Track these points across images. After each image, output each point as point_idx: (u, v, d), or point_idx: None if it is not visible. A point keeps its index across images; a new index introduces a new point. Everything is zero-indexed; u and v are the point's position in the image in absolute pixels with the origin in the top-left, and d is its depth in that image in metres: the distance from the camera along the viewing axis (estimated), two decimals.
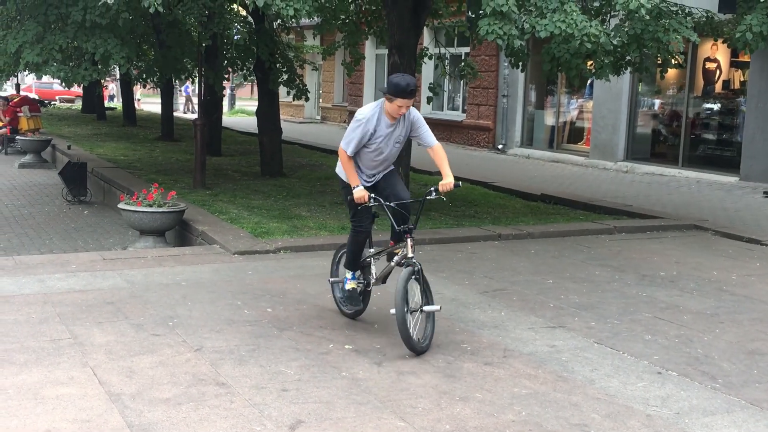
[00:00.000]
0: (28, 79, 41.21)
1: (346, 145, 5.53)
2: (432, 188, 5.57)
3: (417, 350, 5.19)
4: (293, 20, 8.69)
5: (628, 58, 9.68)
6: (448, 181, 5.48)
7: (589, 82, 17.10)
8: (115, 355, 5.00)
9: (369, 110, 5.55)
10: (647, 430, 4.21)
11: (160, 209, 8.80)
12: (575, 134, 19.14)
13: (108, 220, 11.54)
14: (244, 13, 15.57)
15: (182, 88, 37.04)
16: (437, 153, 5.63)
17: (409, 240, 5.41)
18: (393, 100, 5.40)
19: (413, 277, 5.28)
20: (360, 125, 5.49)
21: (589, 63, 9.56)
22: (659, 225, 10.29)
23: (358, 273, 5.86)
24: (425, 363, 5.07)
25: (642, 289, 7.16)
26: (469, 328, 5.84)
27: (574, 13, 8.20)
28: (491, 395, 4.60)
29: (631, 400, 4.61)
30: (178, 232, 9.48)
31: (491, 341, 5.57)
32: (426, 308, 5.33)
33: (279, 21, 14.29)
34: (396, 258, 5.56)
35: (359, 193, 5.43)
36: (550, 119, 19.59)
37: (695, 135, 16.45)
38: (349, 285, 5.82)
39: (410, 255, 5.35)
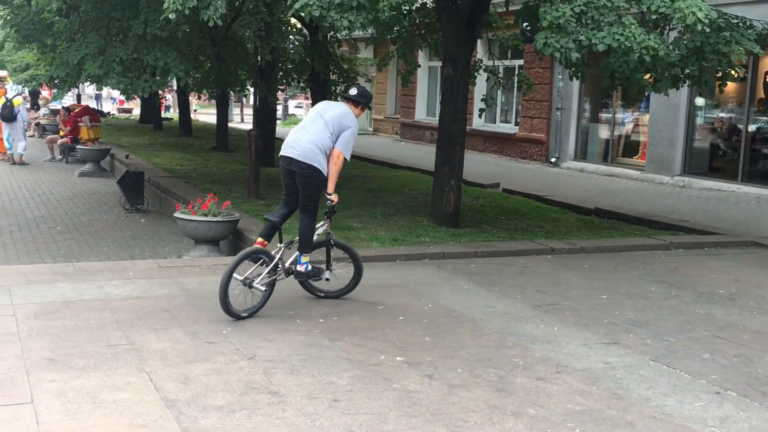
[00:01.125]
0: None
1: (349, 151, 6.35)
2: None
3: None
4: (347, 32, 8.77)
5: (687, 71, 9.52)
6: None
7: (646, 95, 16.84)
8: (170, 362, 5.08)
9: (355, 117, 6.39)
10: None
11: (215, 218, 8.93)
12: (630, 148, 18.86)
13: (164, 228, 11.75)
14: (299, 25, 15.76)
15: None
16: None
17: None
18: (365, 110, 6.51)
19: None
20: (356, 132, 6.38)
21: (648, 76, 9.43)
22: (718, 241, 10.07)
23: None
24: (477, 377, 5.04)
25: (699, 306, 7.01)
26: (522, 343, 5.78)
27: (632, 26, 8.10)
28: (544, 411, 4.55)
29: (689, 419, 4.51)
30: (232, 241, 9.60)
31: (544, 356, 5.51)
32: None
33: (332, 32, 14.42)
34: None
35: (337, 197, 6.53)
36: (604, 132, 19.35)
37: (755, 149, 16.04)
38: (311, 265, 6.50)
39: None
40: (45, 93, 34.21)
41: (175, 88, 29.21)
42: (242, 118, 39.25)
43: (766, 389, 5.02)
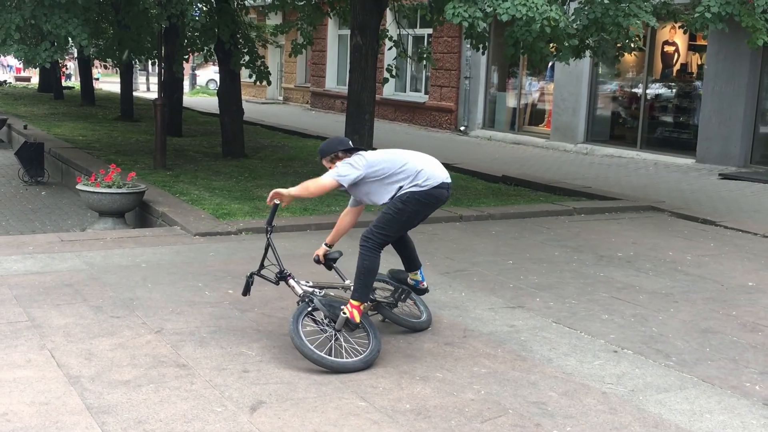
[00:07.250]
0: None
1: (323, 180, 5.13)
2: None
3: None
4: None
5: (588, 41, 9.77)
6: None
7: (550, 64, 17.23)
8: (73, 338, 4.96)
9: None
10: (603, 407, 4.30)
11: (120, 190, 8.71)
12: (536, 116, 19.30)
13: (66, 201, 11.39)
14: None
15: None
16: None
17: None
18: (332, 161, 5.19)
19: None
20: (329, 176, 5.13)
21: (551, 46, 9.64)
22: (617, 206, 10.45)
23: None
24: (386, 344, 5.11)
25: (600, 269, 7.27)
26: (430, 309, 5.88)
27: None
28: (451, 375, 4.66)
29: (588, 378, 4.70)
30: (138, 213, 9.39)
31: (451, 322, 5.63)
32: None
33: None
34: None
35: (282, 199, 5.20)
36: (511, 101, 19.72)
37: (653, 118, 16.68)
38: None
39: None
40: None
41: (75, 56, 28.15)
42: (148, 87, 38.21)
43: (659, 347, 5.28)
